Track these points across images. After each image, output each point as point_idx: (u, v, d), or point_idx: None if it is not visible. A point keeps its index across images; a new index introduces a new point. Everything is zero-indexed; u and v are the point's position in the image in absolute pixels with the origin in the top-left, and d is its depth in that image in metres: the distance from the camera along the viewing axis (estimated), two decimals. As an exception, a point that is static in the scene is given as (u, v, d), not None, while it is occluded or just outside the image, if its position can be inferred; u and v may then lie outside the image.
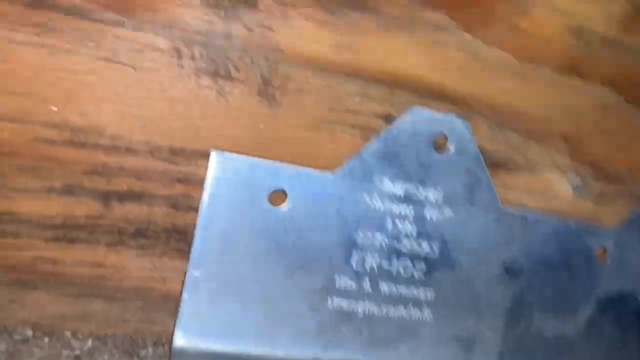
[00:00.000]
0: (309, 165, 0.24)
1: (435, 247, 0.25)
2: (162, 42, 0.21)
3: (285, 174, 0.23)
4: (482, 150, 0.26)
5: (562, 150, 0.27)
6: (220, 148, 0.23)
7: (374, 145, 0.24)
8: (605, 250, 0.28)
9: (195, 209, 0.23)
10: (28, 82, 0.20)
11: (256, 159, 0.23)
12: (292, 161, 0.23)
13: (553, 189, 0.27)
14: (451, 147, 0.25)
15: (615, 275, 0.28)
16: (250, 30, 0.22)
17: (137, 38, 0.21)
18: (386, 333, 0.25)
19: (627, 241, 0.28)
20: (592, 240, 0.27)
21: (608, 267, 0.28)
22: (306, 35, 0.22)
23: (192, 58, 0.22)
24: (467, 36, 0.24)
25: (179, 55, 0.22)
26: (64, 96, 0.21)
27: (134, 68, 0.21)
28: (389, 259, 0.25)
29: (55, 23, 0.20)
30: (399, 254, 0.25)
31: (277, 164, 0.23)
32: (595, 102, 0.26)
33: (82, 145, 0.22)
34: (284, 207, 0.23)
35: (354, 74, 0.23)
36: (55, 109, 0.21)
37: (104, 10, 0.21)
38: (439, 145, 0.25)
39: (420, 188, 0.25)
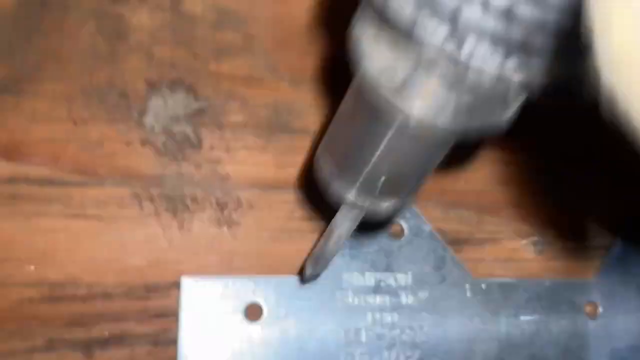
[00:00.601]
0: (278, 274, 0.25)
1: (421, 332, 0.25)
2: (123, 192, 0.24)
3: (256, 286, 0.24)
4: (440, 231, 0.27)
5: (516, 217, 0.28)
6: (191, 275, 0.24)
7: (334, 245, 0.25)
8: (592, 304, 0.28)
9: (176, 342, 0.23)
10: (7, 249, 0.23)
11: (225, 278, 0.24)
12: (261, 273, 0.25)
13: (519, 255, 0.28)
14: (407, 233, 0.26)
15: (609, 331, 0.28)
16: (198, 166, 0.25)
17: (100, 193, 0.24)
18: None
19: (612, 288, 0.28)
20: (578, 296, 0.27)
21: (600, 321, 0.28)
22: (249, 161, 0.25)
23: (151, 200, 0.24)
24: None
25: (139, 200, 0.24)
26: (40, 255, 0.23)
27: (100, 219, 0.24)
28: (379, 353, 0.25)
29: (28, 192, 0.23)
30: (387, 346, 0.25)
31: (247, 278, 0.24)
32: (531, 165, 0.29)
33: (60, 299, 0.23)
34: (261, 319, 0.24)
35: (299, 185, 0.26)
36: (33, 268, 0.23)
37: (70, 175, 0.24)
38: (396, 234, 0.26)
39: (390, 276, 0.26)
